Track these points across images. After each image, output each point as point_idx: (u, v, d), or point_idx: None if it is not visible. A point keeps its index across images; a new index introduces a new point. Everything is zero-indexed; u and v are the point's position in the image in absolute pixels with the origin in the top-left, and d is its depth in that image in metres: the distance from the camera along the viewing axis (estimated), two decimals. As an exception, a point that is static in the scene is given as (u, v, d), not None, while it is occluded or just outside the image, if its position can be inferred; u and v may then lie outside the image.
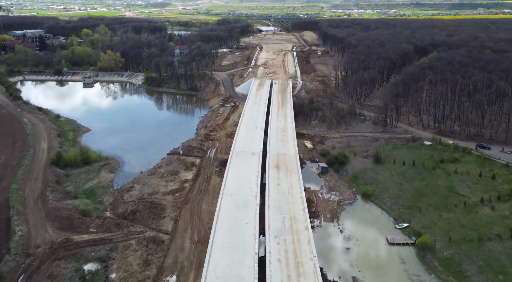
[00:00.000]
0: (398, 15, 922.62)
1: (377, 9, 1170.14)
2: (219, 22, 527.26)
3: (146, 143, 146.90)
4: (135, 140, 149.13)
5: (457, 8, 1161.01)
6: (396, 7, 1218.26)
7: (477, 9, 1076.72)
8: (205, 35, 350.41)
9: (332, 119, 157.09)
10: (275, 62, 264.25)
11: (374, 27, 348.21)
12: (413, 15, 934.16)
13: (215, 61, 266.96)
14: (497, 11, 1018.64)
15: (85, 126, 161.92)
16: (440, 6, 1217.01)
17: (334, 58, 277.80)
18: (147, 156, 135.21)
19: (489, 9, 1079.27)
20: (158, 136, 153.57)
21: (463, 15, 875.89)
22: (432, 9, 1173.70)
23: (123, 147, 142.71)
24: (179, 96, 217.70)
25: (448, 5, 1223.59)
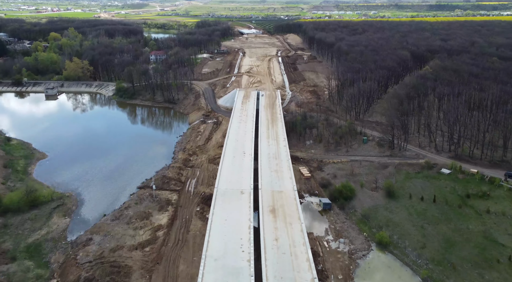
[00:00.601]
0: (378, 17, 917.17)
1: (357, 11, 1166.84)
2: (199, 25, 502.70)
3: (113, 171, 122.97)
4: (101, 168, 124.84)
5: (435, 9, 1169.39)
6: (376, 8, 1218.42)
7: (455, 10, 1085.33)
8: (184, 39, 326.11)
9: (330, 139, 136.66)
10: (260, 69, 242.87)
11: (362, 30, 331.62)
12: (393, 16, 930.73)
13: (195, 68, 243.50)
14: (473, 12, 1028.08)
15: (41, 152, 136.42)
16: (418, 7, 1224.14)
17: (323, 64, 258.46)
18: (113, 190, 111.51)
19: (466, 10, 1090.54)
20: (128, 162, 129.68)
21: (442, 16, 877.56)
22: (411, 10, 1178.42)
23: (84, 177, 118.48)
24: (155, 109, 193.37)
25: (426, 6, 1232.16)
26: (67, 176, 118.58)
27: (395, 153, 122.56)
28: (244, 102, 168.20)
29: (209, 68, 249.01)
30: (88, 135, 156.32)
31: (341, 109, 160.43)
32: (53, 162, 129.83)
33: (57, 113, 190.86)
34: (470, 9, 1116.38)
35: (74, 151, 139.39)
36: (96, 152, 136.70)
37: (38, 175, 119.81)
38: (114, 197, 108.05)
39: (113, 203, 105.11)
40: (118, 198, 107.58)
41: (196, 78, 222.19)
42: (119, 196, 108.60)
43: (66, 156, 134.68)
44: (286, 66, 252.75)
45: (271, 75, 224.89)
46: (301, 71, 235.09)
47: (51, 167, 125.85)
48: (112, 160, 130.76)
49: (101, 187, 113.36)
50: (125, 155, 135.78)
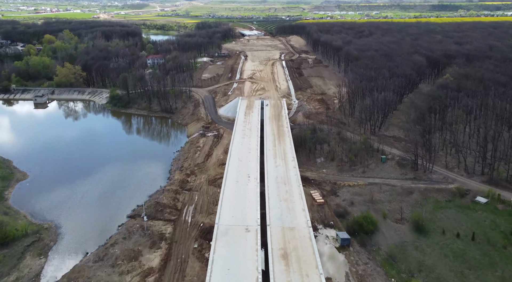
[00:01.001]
0: (380, 17, 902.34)
1: (359, 11, 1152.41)
2: (199, 26, 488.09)
3: (101, 195, 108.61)
4: (87, 191, 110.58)
5: (437, 10, 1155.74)
6: (377, 8, 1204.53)
7: (458, 11, 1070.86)
8: (183, 42, 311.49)
9: (343, 157, 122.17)
10: (263, 74, 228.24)
11: (368, 32, 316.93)
12: (396, 16, 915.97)
13: (194, 74, 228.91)
14: (477, 13, 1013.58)
15: (22, 171, 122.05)
16: (420, 7, 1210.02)
17: (329, 69, 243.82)
18: (99, 220, 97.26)
19: (469, 11, 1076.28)
20: (118, 183, 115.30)
21: (445, 16, 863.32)
22: (413, 10, 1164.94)
23: (67, 203, 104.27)
24: (151, 119, 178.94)
25: (428, 6, 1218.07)
26: (48, 202, 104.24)
27: (419, 175, 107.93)
28: (247, 113, 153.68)
29: (209, 73, 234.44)
30: (76, 150, 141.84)
31: (353, 122, 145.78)
32: (34, 183, 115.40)
33: (45, 124, 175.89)
34: (474, 9, 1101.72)
35: (59, 169, 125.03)
36: (83, 171, 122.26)
37: (15, 201, 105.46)
38: (100, 229, 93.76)
39: (98, 236, 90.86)
40: (104, 230, 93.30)
41: (195, 85, 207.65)
42: (105, 227, 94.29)
43: (49, 175, 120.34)
44: (291, 71, 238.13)
45: (275, 82, 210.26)
46: (306, 77, 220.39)
47: (31, 189, 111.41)
48: (100, 181, 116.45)
49: (85, 216, 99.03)
50: (115, 175, 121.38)
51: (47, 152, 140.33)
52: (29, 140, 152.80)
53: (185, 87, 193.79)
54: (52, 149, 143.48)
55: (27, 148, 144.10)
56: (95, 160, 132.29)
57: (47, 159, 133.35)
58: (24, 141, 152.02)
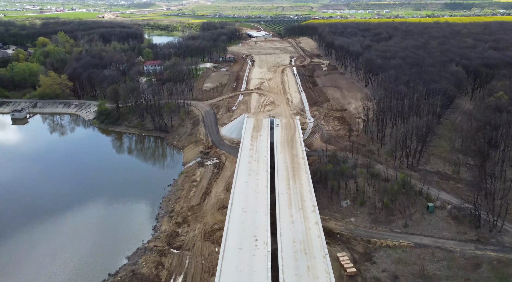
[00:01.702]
0: (392, 16, 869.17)
1: (369, 9, 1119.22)
2: (203, 27, 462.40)
3: (60, 264, 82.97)
4: (42, 253, 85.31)
5: (449, 8, 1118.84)
6: (387, 6, 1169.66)
7: (471, 9, 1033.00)
8: (185, 45, 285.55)
9: (376, 201, 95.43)
10: (272, 84, 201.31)
11: (387, 34, 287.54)
12: (407, 15, 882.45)
13: (195, 83, 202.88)
14: (492, 11, 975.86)
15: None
16: (431, 6, 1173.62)
17: (346, 77, 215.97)
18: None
19: (483, 9, 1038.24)
20: (90, 238, 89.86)
21: (459, 15, 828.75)
22: (424, 9, 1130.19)
23: (11, 273, 79.15)
24: (142, 140, 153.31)
25: (440, 4, 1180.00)
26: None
27: (484, 235, 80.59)
28: (254, 137, 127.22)
29: (212, 82, 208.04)
30: (43, 184, 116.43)
31: (384, 151, 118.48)
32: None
33: (18, 146, 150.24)
34: (488, 7, 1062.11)
35: (15, 215, 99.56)
36: (43, 217, 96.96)
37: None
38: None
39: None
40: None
41: (195, 97, 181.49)
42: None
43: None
44: (303, 79, 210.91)
45: (286, 93, 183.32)
46: (321, 87, 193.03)
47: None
48: (64, 237, 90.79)
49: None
50: (88, 224, 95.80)
51: (9, 185, 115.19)
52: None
53: (183, 100, 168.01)
54: (15, 181, 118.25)
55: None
56: (63, 198, 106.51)
57: (6, 198, 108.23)
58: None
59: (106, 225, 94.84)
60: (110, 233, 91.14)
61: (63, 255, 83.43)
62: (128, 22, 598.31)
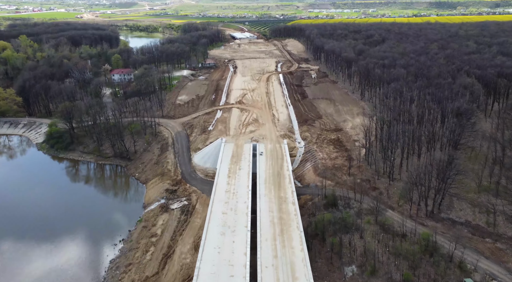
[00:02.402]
0: (378, 15, 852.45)
1: (355, 8, 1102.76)
2: (185, 28, 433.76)
3: None
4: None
5: (435, 7, 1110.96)
6: (373, 5, 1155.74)
7: (457, 8, 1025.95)
8: (161, 49, 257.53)
9: (392, 270, 71.15)
10: (256, 96, 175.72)
11: (380, 37, 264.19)
12: (394, 14, 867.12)
13: (168, 96, 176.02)
14: (477, 10, 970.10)
15: None
16: (417, 4, 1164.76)
17: (338, 86, 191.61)
18: None
19: (468, 8, 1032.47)
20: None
21: (445, 15, 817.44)
22: (410, 8, 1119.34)
23: None
24: (99, 170, 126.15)
25: (425, 3, 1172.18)
26: None
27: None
28: (233, 172, 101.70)
29: (187, 94, 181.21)
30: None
31: (395, 191, 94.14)
32: None
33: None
34: (472, 5, 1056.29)
35: None
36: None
37: None
38: None
39: None
40: None
41: (166, 114, 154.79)
42: None
43: None
44: (291, 90, 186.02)
45: (271, 108, 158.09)
46: (312, 100, 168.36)
47: None
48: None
49: None
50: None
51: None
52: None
53: (152, 118, 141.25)
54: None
55: None
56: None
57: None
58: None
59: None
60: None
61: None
62: (106, 23, 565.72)
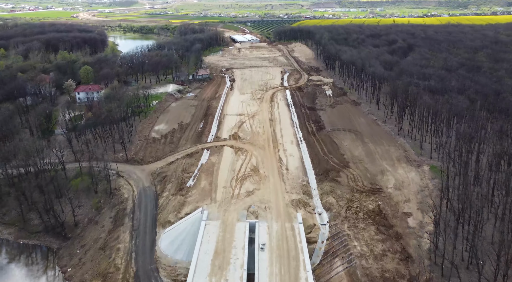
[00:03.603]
0: (387, 15, 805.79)
1: (361, 7, 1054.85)
2: (181, 31, 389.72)
3: None
4: None
5: (444, 5, 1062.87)
6: (380, 4, 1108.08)
7: (468, 7, 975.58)
8: (147, 57, 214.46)
9: None
10: (256, 125, 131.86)
11: (404, 43, 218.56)
12: (402, 13, 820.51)
13: (141, 125, 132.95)
14: (489, 9, 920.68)
15: None
16: (425, 3, 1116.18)
17: (362, 111, 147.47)
18: None
19: (480, 6, 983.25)
20: None
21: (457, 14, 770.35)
22: (417, 7, 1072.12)
23: None
24: (15, 255, 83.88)
25: (434, 2, 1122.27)
26: None
27: None
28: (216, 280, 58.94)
29: (167, 122, 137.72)
30: None
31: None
32: None
33: None
34: (483, 4, 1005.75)
35: None
36: None
37: None
38: None
39: None
40: None
41: (133, 156, 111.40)
42: None
43: None
44: (302, 115, 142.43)
45: (277, 147, 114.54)
46: (331, 133, 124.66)
47: None
48: None
49: None
50: None
51: None
52: None
53: (114, 162, 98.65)
54: None
55: None
56: None
57: None
58: None
59: None
60: None
61: None
62: (99, 23, 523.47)
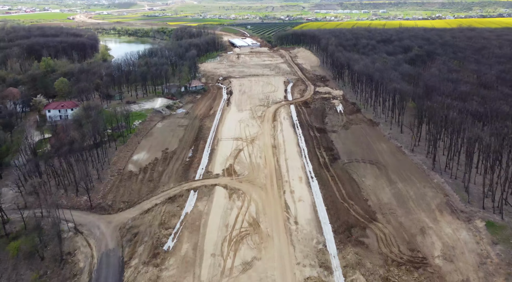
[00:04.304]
0: (390, 17, 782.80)
1: (363, 9, 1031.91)
2: (177, 34, 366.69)
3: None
4: None
5: (447, 7, 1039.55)
6: (383, 6, 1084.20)
7: (473, 9, 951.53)
8: (135, 65, 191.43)
9: None
10: (256, 155, 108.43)
11: (421, 50, 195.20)
12: (406, 15, 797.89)
13: (117, 154, 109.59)
14: (494, 11, 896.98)
15: None
16: (428, 5, 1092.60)
17: (381, 131, 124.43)
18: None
19: (484, 8, 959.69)
20: None
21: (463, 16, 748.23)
22: (421, 8, 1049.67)
23: None
24: None
25: (437, 4, 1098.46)
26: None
27: None
28: None
29: (149, 148, 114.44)
30: None
31: None
32: None
33: None
34: (488, 6, 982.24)
35: None
36: None
37: None
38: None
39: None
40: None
41: (98, 201, 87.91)
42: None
43: None
44: (311, 139, 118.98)
45: (282, 187, 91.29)
46: (348, 166, 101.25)
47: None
48: None
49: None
50: None
51: None
52: None
53: (72, 210, 75.52)
54: None
55: None
56: None
57: None
58: None
59: None
60: None
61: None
62: (92, 26, 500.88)
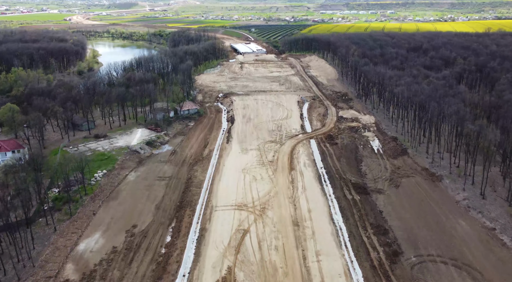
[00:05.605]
0: (400, 17, 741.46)
1: (370, 10, 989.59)
2: (174, 38, 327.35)
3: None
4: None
5: (457, 8, 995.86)
6: (390, 6, 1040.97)
7: (484, 10, 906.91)
8: (115, 85, 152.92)
9: None
10: (269, 244, 69.61)
11: (468, 64, 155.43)
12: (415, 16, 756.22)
13: (54, 239, 70.89)
14: (507, 11, 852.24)
15: None
16: (437, 5, 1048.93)
17: (449, 193, 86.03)
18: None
19: (496, 8, 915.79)
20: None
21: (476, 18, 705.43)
22: (430, 9, 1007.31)
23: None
24: None
25: (446, 4, 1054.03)
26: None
27: None
28: None
29: (104, 230, 74.60)
30: None
31: None
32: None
33: None
34: (500, 6, 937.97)
35: None
36: None
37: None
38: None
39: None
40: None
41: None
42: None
43: None
44: (349, 210, 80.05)
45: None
46: (417, 271, 62.72)
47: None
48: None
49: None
50: None
51: None
52: None
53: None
54: None
55: None
56: None
57: None
58: None
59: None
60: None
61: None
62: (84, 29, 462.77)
